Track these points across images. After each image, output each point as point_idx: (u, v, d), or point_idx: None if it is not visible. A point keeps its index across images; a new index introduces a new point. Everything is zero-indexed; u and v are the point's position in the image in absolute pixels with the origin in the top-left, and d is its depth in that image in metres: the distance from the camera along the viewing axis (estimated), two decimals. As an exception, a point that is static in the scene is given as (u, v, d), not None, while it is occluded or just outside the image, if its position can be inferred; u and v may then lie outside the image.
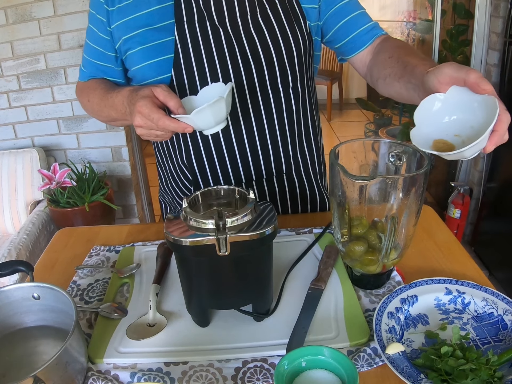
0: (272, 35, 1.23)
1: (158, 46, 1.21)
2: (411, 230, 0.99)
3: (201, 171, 1.34)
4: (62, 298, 0.89)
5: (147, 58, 1.22)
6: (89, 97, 1.33)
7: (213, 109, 1.01)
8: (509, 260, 2.88)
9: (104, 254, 1.24)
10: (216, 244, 0.83)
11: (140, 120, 1.03)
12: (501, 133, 0.82)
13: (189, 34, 1.20)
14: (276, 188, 1.40)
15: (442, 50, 3.20)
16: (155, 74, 1.23)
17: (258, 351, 0.91)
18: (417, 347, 0.92)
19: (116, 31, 1.24)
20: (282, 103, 1.30)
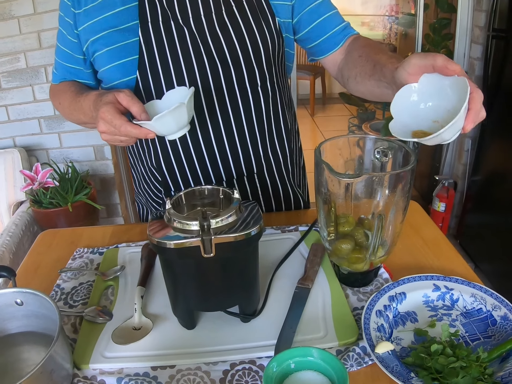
0: (238, 33, 1.22)
1: (123, 48, 1.20)
2: (398, 227, 0.98)
3: (170, 172, 1.32)
4: (45, 304, 0.87)
5: (112, 60, 1.21)
6: (60, 100, 1.33)
7: (174, 115, 1.01)
8: (495, 253, 2.90)
9: (87, 256, 1.22)
10: (201, 246, 0.81)
11: (103, 126, 1.02)
12: (476, 110, 0.83)
13: (153, 34, 1.19)
14: (247, 189, 1.38)
15: (425, 44, 3.21)
16: (120, 76, 1.22)
17: (246, 352, 0.90)
18: (406, 345, 0.91)
19: (83, 34, 1.23)
20: (250, 102, 1.28)
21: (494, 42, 2.65)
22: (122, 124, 1.00)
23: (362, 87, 1.20)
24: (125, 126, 1.00)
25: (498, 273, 2.88)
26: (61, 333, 0.80)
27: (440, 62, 0.85)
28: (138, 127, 1.01)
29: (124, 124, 1.00)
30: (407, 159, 0.97)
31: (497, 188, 2.88)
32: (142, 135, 1.01)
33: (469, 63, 3.09)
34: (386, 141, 1.03)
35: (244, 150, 1.32)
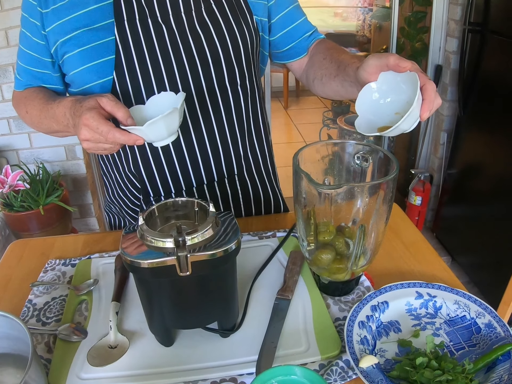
0: (218, 31, 1.19)
1: (97, 47, 1.13)
2: (380, 236, 0.96)
3: (150, 178, 1.28)
4: (16, 326, 0.82)
5: (86, 61, 1.14)
6: (27, 109, 1.25)
7: (166, 121, 0.97)
8: (471, 245, 2.91)
9: (59, 269, 1.17)
10: (176, 264, 0.77)
11: (87, 134, 0.96)
12: (430, 100, 0.90)
13: (130, 33, 1.13)
14: (228, 191, 1.35)
15: (400, 37, 3.19)
16: (95, 78, 1.16)
17: (226, 370, 0.86)
18: (390, 357, 0.89)
19: (51, 35, 1.16)
20: (231, 102, 1.26)
21: (470, 36, 2.65)
22: (110, 131, 0.94)
23: (327, 88, 1.27)
24: (112, 132, 0.94)
25: (474, 265, 2.90)
26: (34, 357, 0.75)
27: (392, 61, 0.92)
28: (127, 133, 0.96)
29: (111, 131, 0.94)
30: (388, 163, 0.94)
31: (472, 180, 2.90)
32: (131, 142, 0.97)
33: (445, 56, 3.08)
34: (366, 146, 1.01)
35: (225, 151, 1.29)
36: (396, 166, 0.90)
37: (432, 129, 3.36)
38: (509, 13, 2.38)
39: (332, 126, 4.48)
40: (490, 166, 2.70)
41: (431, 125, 3.34)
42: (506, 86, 2.48)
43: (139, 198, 1.33)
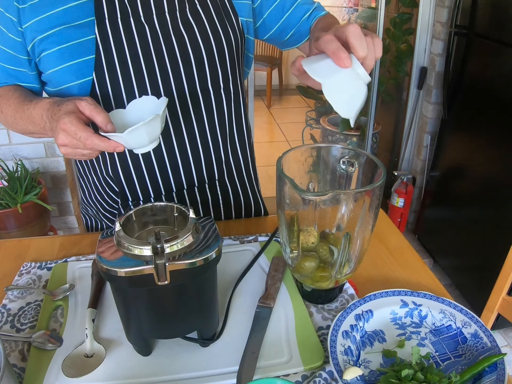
0: (202, 32, 1.16)
1: (77, 46, 1.09)
2: (365, 244, 0.93)
3: (128, 182, 1.24)
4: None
5: (64, 60, 1.09)
6: (1, 108, 1.18)
7: (148, 128, 0.93)
8: (453, 248, 2.92)
9: (35, 272, 1.13)
10: (154, 273, 0.74)
11: (64, 139, 0.92)
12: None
13: (111, 32, 1.09)
14: (208, 196, 1.32)
15: (386, 38, 3.18)
16: (74, 78, 1.11)
17: (206, 381, 0.83)
18: (375, 368, 0.87)
19: (28, 31, 1.10)
20: (213, 105, 1.23)
21: (456, 39, 2.65)
22: (88, 137, 0.90)
23: None
24: (91, 139, 0.90)
25: (456, 268, 2.90)
26: (6, 367, 0.72)
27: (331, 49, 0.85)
28: (106, 139, 0.92)
29: (90, 137, 0.90)
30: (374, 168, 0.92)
31: (455, 183, 2.90)
32: (110, 149, 0.92)
33: (430, 58, 3.08)
34: (352, 150, 0.98)
35: (206, 155, 1.26)
36: (383, 172, 0.87)
37: (415, 131, 3.36)
38: (495, 16, 2.38)
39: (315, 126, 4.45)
40: (473, 169, 2.70)
41: (414, 127, 3.34)
42: (490, 90, 2.48)
43: (117, 202, 1.29)
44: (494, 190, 2.48)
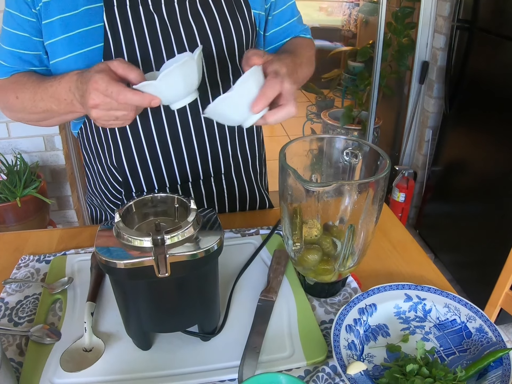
0: (212, 24, 1.14)
1: (85, 34, 1.06)
2: (369, 237, 0.92)
3: (133, 172, 1.22)
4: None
5: (73, 49, 1.07)
6: (17, 94, 1.12)
7: (183, 72, 0.87)
8: (454, 243, 2.91)
9: (33, 265, 1.12)
10: (154, 265, 0.73)
11: (96, 98, 0.87)
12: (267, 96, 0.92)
13: (119, 20, 1.07)
14: (214, 190, 1.31)
15: (387, 32, 3.16)
16: (82, 66, 1.04)
17: (207, 376, 0.82)
18: (379, 363, 0.85)
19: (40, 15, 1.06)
20: None
21: (458, 33, 2.63)
22: (121, 91, 0.85)
23: None
24: (124, 93, 0.85)
25: (457, 263, 2.89)
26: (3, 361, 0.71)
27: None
28: (140, 92, 0.86)
29: (122, 91, 0.85)
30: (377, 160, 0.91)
31: (456, 178, 2.89)
32: (145, 102, 0.87)
33: (432, 53, 3.06)
34: (355, 142, 0.97)
35: (213, 149, 1.24)
36: (388, 163, 0.85)
37: (417, 125, 3.34)
38: (498, 10, 2.36)
39: (316, 121, 4.44)
40: (474, 164, 2.69)
41: (416, 122, 3.32)
42: (492, 84, 2.46)
43: (121, 192, 1.28)
44: (496, 185, 2.47)
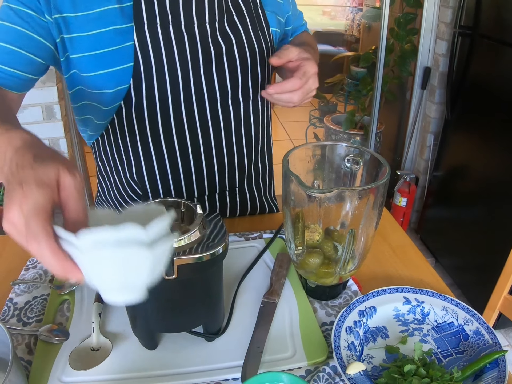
0: (239, 42, 1.15)
1: (115, 53, 1.04)
2: (369, 241, 0.95)
3: (152, 186, 1.24)
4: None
5: (102, 66, 1.04)
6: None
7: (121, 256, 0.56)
8: (455, 247, 2.92)
9: (41, 267, 1.14)
10: (162, 267, 0.75)
11: (14, 217, 0.57)
12: None
13: (150, 39, 1.05)
14: (227, 202, 1.34)
15: (390, 38, 3.19)
16: (110, 85, 1.07)
17: (211, 375, 0.84)
18: (378, 364, 0.88)
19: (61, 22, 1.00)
20: (241, 116, 1.23)
21: (460, 39, 2.65)
22: (41, 241, 0.56)
23: None
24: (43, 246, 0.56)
25: (458, 267, 2.91)
26: (14, 360, 0.73)
27: None
28: (61, 256, 0.56)
29: (43, 242, 0.56)
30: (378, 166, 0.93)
31: (458, 183, 2.90)
32: (60, 273, 0.58)
33: (434, 58, 3.08)
34: (356, 149, 0.99)
35: (230, 164, 1.27)
36: (388, 170, 0.88)
37: (419, 131, 3.36)
38: (499, 17, 2.38)
39: (319, 125, 4.46)
40: (475, 169, 2.71)
41: (418, 127, 3.34)
42: (494, 90, 2.48)
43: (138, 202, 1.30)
44: (497, 190, 2.49)
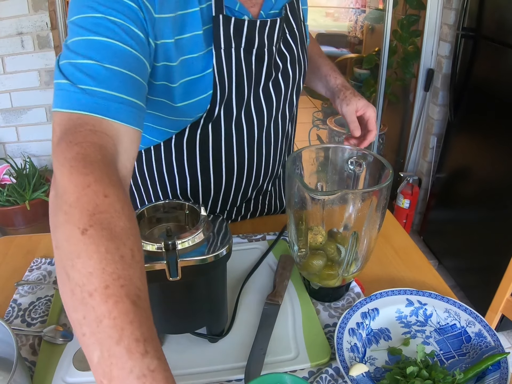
0: (292, 60, 1.15)
1: (199, 81, 0.98)
2: (372, 243, 0.95)
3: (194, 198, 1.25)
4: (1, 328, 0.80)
5: (187, 96, 0.98)
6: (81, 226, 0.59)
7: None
8: (457, 249, 2.92)
9: (45, 268, 1.15)
10: (166, 269, 0.76)
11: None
12: None
13: (225, 63, 1.00)
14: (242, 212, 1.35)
15: (393, 40, 3.19)
16: (193, 114, 1.04)
17: (215, 376, 0.85)
18: (380, 366, 0.88)
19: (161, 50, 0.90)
20: (285, 130, 1.24)
21: (463, 41, 2.65)
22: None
23: None
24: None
25: (461, 269, 2.90)
26: (19, 361, 0.74)
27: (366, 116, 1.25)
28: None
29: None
30: (381, 168, 0.94)
31: (461, 185, 2.90)
32: None
33: (437, 60, 3.08)
34: (360, 151, 1.00)
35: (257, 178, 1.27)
36: (391, 173, 0.88)
37: (422, 132, 3.36)
38: (503, 19, 2.38)
39: (322, 127, 4.46)
40: (478, 171, 2.70)
41: (421, 129, 3.34)
42: (497, 92, 2.48)
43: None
44: (499, 192, 2.49)
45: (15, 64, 2.68)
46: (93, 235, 0.57)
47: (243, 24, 1.00)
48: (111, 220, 0.59)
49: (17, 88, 2.74)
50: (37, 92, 2.75)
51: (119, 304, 0.53)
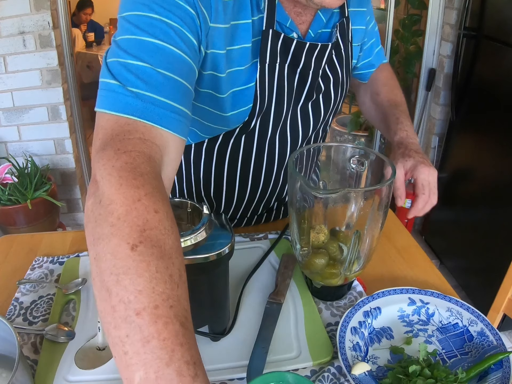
0: (335, 82, 1.12)
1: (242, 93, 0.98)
2: (374, 242, 0.95)
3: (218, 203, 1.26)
4: (3, 326, 0.80)
5: (233, 106, 0.98)
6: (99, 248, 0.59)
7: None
8: (459, 249, 2.92)
9: (47, 267, 1.15)
10: (168, 267, 0.76)
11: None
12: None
13: (268, 77, 0.99)
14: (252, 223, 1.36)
15: (395, 39, 3.19)
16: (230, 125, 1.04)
17: (217, 374, 0.85)
18: (382, 364, 0.88)
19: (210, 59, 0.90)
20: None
21: (465, 41, 2.65)
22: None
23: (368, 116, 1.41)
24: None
25: (462, 269, 2.90)
26: (21, 359, 0.74)
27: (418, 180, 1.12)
28: None
29: None
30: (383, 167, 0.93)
31: (463, 185, 2.90)
32: None
33: (439, 60, 3.08)
34: (362, 150, 1.00)
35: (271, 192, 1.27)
36: (393, 171, 0.88)
37: (423, 132, 3.36)
38: (504, 19, 2.38)
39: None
40: (480, 171, 2.70)
41: (422, 129, 3.34)
42: (498, 92, 2.48)
43: None
44: (501, 192, 2.48)
45: (17, 63, 2.69)
46: (143, 252, 0.56)
47: (291, 43, 0.99)
48: (160, 238, 0.58)
49: (19, 87, 2.75)
50: (39, 91, 2.76)
51: (169, 326, 0.52)
